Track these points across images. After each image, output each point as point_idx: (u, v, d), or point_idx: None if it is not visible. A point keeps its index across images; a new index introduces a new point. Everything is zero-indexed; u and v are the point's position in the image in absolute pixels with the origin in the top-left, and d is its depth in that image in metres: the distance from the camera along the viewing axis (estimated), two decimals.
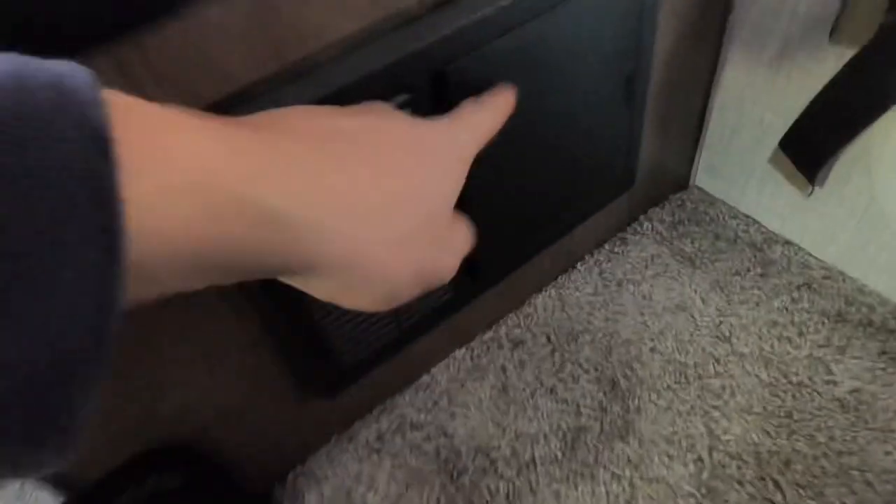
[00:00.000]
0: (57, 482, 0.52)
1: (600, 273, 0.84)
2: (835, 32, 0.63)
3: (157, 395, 0.52)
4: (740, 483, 0.64)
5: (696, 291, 0.80)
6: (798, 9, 0.65)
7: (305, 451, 0.71)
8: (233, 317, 0.52)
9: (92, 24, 0.32)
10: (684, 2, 0.66)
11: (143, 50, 0.35)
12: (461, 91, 0.48)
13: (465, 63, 0.47)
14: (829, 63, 0.65)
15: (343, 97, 0.43)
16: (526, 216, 0.66)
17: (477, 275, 0.65)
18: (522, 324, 0.80)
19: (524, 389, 0.74)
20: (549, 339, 0.78)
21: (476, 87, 0.49)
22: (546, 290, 0.83)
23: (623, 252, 0.86)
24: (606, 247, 0.87)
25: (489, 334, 0.80)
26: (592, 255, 0.86)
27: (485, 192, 0.57)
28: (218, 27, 0.37)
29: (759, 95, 0.75)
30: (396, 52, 0.44)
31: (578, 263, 0.85)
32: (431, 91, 0.47)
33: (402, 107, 0.46)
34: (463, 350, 0.79)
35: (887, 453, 0.63)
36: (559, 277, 0.84)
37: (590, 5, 0.52)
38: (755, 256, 0.83)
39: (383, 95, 0.45)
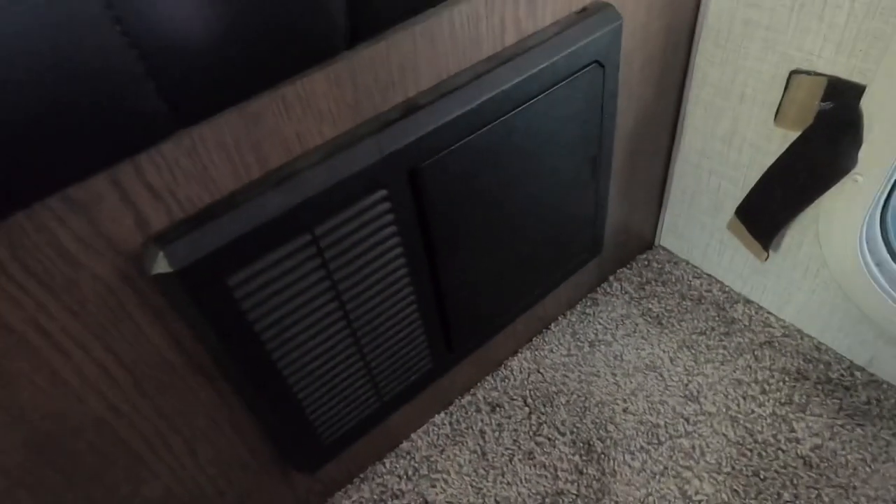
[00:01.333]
0: None
1: (573, 334, 0.87)
2: (778, 115, 0.69)
3: (142, 480, 0.53)
4: None
5: (664, 351, 0.84)
6: (745, 92, 0.71)
7: None
8: (216, 400, 0.53)
9: (92, 151, 0.34)
10: (642, 86, 0.71)
11: (140, 169, 0.38)
12: (436, 185, 0.52)
13: (440, 159, 0.51)
14: (775, 141, 0.71)
15: (324, 198, 0.46)
16: (500, 288, 0.69)
17: (455, 346, 0.68)
18: (499, 387, 0.83)
19: (502, 454, 0.76)
20: (525, 401, 0.81)
21: (450, 180, 0.53)
22: (521, 353, 0.86)
23: (594, 313, 0.89)
24: (578, 307, 0.90)
25: (467, 398, 0.82)
26: (565, 315, 0.89)
27: (460, 268, 0.60)
28: (208, 142, 0.40)
29: (715, 166, 0.80)
30: (374, 155, 0.47)
31: (552, 324, 0.88)
32: (409, 186, 0.50)
33: (380, 202, 0.49)
34: (442, 415, 0.80)
35: (832, 496, 0.66)
36: (533, 339, 0.87)
37: (553, 102, 0.56)
38: (718, 315, 0.87)
39: (361, 193, 0.48)
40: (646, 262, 0.95)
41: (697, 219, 0.87)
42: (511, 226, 0.63)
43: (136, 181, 0.38)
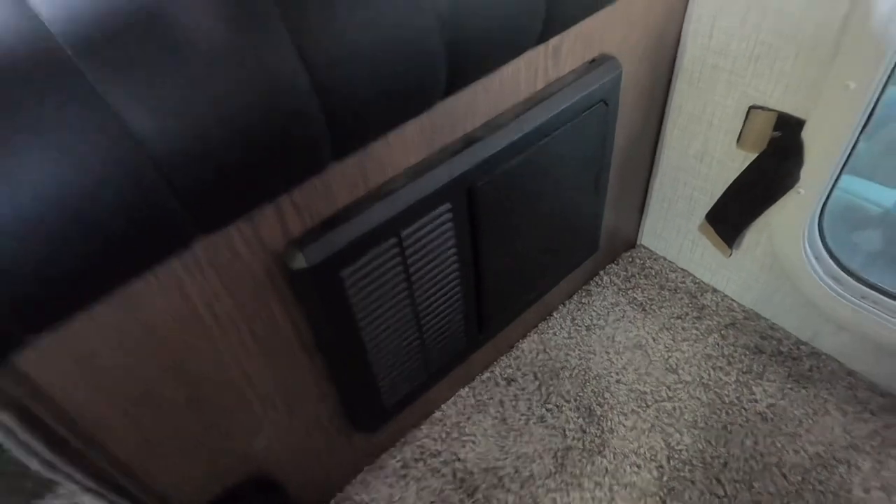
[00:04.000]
0: None
1: (572, 319, 1.03)
2: (739, 140, 0.86)
3: (254, 432, 0.66)
4: (692, 482, 0.82)
5: (648, 332, 1.00)
6: (713, 121, 0.88)
7: (344, 479, 0.85)
8: (312, 372, 0.67)
9: (277, 183, 0.48)
10: (632, 115, 0.87)
11: (291, 191, 0.52)
12: (486, 199, 0.67)
13: (489, 179, 0.66)
14: (738, 160, 0.88)
15: (409, 210, 0.60)
16: (522, 280, 0.84)
17: (485, 328, 0.83)
18: (513, 364, 0.98)
19: (519, 419, 0.91)
20: (535, 376, 0.96)
21: (495, 196, 0.68)
22: (529, 336, 1.01)
23: (589, 302, 1.05)
24: (575, 297, 1.06)
25: (486, 374, 0.97)
26: (565, 304, 1.05)
27: (496, 264, 0.75)
28: (337, 170, 0.54)
29: (689, 178, 0.97)
30: (445, 177, 0.62)
31: (554, 312, 1.04)
32: (466, 201, 0.65)
33: (445, 213, 0.64)
34: (466, 388, 0.95)
35: (796, 451, 0.84)
36: (539, 325, 1.03)
37: (570, 133, 0.72)
38: (691, 302, 1.04)
39: (434, 206, 0.63)
40: (630, 259, 1.12)
41: (674, 222, 1.05)
42: (534, 230, 0.78)
43: (288, 200, 0.52)
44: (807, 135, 0.78)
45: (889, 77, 0.70)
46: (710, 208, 0.95)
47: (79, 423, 0.50)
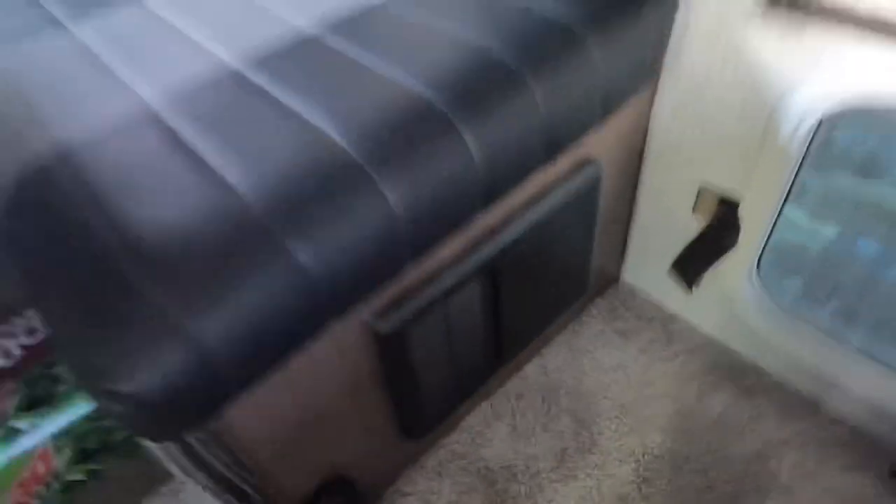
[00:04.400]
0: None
1: (568, 347, 1.29)
2: (694, 210, 1.12)
3: (336, 441, 0.91)
4: (661, 472, 1.08)
5: (628, 355, 1.26)
6: (674, 193, 1.13)
7: (395, 476, 1.11)
8: (379, 397, 0.92)
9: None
10: (614, 186, 1.12)
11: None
12: (503, 274, 0.92)
13: (506, 257, 0.91)
14: (694, 223, 1.13)
15: (454, 289, 0.85)
16: (529, 321, 1.10)
17: (501, 358, 1.09)
18: (521, 384, 1.23)
19: (527, 427, 1.17)
20: (539, 393, 1.22)
21: (510, 269, 0.93)
22: (534, 361, 1.27)
23: (580, 331, 1.31)
24: (569, 328, 1.32)
25: (500, 391, 1.22)
26: (561, 334, 1.31)
27: (509, 313, 1.01)
28: (408, 269, 0.79)
29: (658, 233, 1.22)
30: (475, 263, 0.87)
31: (553, 341, 1.30)
32: (491, 278, 0.90)
33: (475, 287, 0.89)
34: (486, 404, 1.21)
35: (741, 447, 1.10)
36: (542, 350, 1.28)
37: (570, 208, 0.97)
38: (663, 330, 1.30)
39: (470, 280, 0.88)
40: (614, 294, 1.38)
41: (649, 265, 1.30)
42: (538, 286, 1.04)
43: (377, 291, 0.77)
44: (742, 211, 1.04)
45: (798, 171, 0.96)
46: (675, 258, 1.20)
47: (240, 442, 0.75)
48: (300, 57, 0.82)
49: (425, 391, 0.96)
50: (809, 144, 0.92)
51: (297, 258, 0.62)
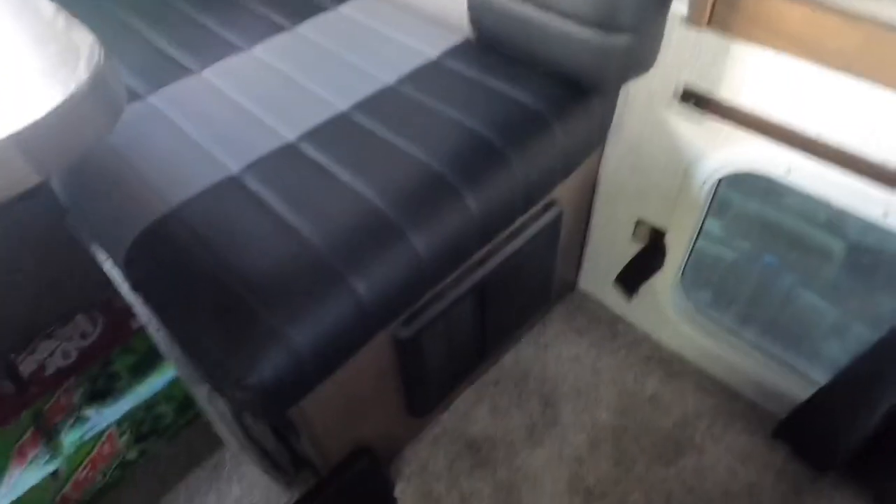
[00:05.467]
0: (303, 463, 1.17)
1: (535, 342, 1.60)
2: (633, 236, 1.44)
3: (363, 419, 1.20)
4: (606, 440, 1.41)
5: (583, 349, 1.58)
6: (618, 223, 1.45)
7: (401, 446, 1.40)
8: (394, 386, 1.21)
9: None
10: (571, 217, 1.43)
11: None
12: (489, 290, 1.22)
13: (491, 279, 1.21)
14: (635, 246, 1.45)
15: (453, 305, 1.15)
16: (507, 325, 1.40)
17: (485, 354, 1.39)
18: (498, 373, 1.54)
19: (504, 407, 1.48)
20: (511, 380, 1.53)
21: (496, 285, 1.23)
22: (509, 354, 1.58)
23: (545, 331, 1.63)
24: (536, 328, 1.63)
25: (482, 378, 1.53)
26: (530, 333, 1.62)
27: (492, 320, 1.31)
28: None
29: (606, 252, 1.54)
30: (469, 284, 1.16)
31: (523, 338, 1.61)
32: (478, 294, 1.20)
33: (469, 301, 1.19)
34: (470, 389, 1.51)
35: (667, 419, 1.43)
36: (514, 346, 1.59)
37: (534, 248, 1.27)
38: (609, 329, 1.62)
39: (463, 299, 1.17)
40: (571, 300, 1.69)
41: (599, 277, 1.62)
42: (513, 298, 1.34)
43: None
44: (668, 239, 1.36)
45: (706, 213, 1.29)
46: (618, 273, 1.53)
47: (307, 421, 1.03)
48: (340, 132, 1.09)
49: (428, 380, 1.25)
50: (714, 194, 1.25)
51: (355, 289, 0.90)
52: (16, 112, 0.47)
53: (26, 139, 0.46)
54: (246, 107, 1.16)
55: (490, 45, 1.24)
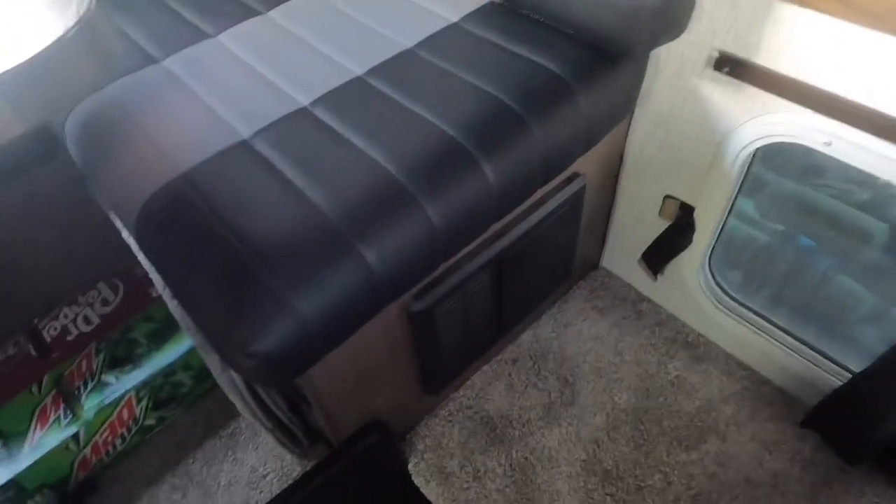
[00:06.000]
0: (317, 436, 1.16)
1: (555, 321, 1.56)
2: (660, 213, 1.38)
3: (375, 393, 1.18)
4: (626, 423, 1.37)
5: (604, 329, 1.54)
6: (644, 200, 1.39)
7: (415, 422, 1.38)
8: (409, 361, 1.19)
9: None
10: (595, 197, 1.38)
11: None
12: (508, 263, 1.18)
13: (509, 253, 1.17)
14: (660, 223, 1.39)
15: (470, 278, 1.11)
16: (525, 300, 1.36)
17: (503, 329, 1.36)
18: (516, 350, 1.51)
19: (521, 385, 1.45)
20: (530, 357, 1.49)
21: (513, 261, 1.19)
22: (527, 332, 1.54)
23: (565, 309, 1.58)
24: (556, 306, 1.59)
25: (498, 357, 1.50)
26: (549, 310, 1.58)
27: (510, 295, 1.27)
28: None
29: (632, 229, 1.49)
30: (486, 257, 1.13)
31: (543, 316, 1.57)
32: (496, 267, 1.16)
33: (486, 274, 1.15)
34: (486, 367, 1.48)
35: (690, 403, 1.38)
36: (533, 324, 1.55)
37: (555, 221, 1.23)
38: (633, 308, 1.57)
39: (483, 269, 1.14)
40: (594, 277, 1.65)
41: (623, 255, 1.57)
42: (534, 273, 1.30)
43: None
44: (696, 216, 1.30)
45: (739, 189, 1.22)
46: (644, 251, 1.47)
47: (316, 391, 1.01)
48: (355, 97, 1.05)
49: (443, 356, 1.22)
50: (748, 168, 1.18)
51: (365, 258, 0.87)
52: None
53: (7, 85, 0.44)
54: (261, 71, 1.13)
55: (513, 7, 1.18)
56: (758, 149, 1.12)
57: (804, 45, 0.94)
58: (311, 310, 0.83)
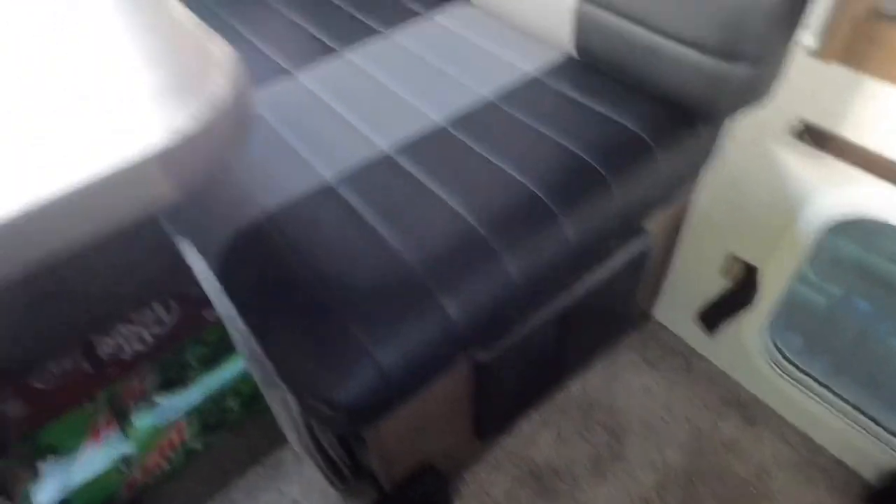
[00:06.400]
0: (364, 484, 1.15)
1: (604, 372, 1.54)
2: (722, 271, 1.37)
3: (430, 437, 1.17)
4: (676, 484, 1.34)
5: (654, 381, 1.52)
6: (705, 258, 1.39)
7: (462, 467, 1.37)
8: (465, 410, 1.18)
9: None
10: (657, 246, 1.38)
11: None
12: (573, 317, 1.18)
13: (576, 306, 1.16)
14: (720, 281, 1.38)
15: (536, 331, 1.11)
16: (585, 351, 1.36)
17: (561, 377, 1.35)
18: (565, 400, 1.50)
19: (569, 437, 1.43)
20: (579, 408, 1.48)
21: (580, 312, 1.19)
22: (576, 381, 1.53)
23: (616, 359, 1.57)
24: (608, 357, 1.58)
25: (549, 405, 1.48)
26: (600, 360, 1.57)
27: (572, 345, 1.27)
28: None
29: (690, 285, 1.48)
30: (553, 310, 1.12)
31: (592, 366, 1.55)
32: (561, 321, 1.16)
33: (548, 328, 1.15)
34: (536, 415, 1.47)
35: (744, 468, 1.36)
36: (584, 374, 1.54)
37: (630, 264, 1.22)
38: (685, 363, 1.55)
39: (546, 326, 1.13)
40: (646, 329, 1.63)
41: (678, 308, 1.56)
42: (597, 323, 1.29)
43: None
44: (760, 275, 1.29)
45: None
46: (702, 308, 1.46)
47: (379, 437, 1.01)
48: (437, 147, 1.07)
49: (500, 404, 1.22)
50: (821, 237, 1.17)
51: (445, 309, 0.88)
52: (149, 127, 0.47)
53: (169, 155, 0.45)
54: (340, 112, 1.15)
55: (592, 64, 1.20)
56: (833, 223, 1.11)
57: (894, 121, 0.94)
58: (393, 360, 0.84)
